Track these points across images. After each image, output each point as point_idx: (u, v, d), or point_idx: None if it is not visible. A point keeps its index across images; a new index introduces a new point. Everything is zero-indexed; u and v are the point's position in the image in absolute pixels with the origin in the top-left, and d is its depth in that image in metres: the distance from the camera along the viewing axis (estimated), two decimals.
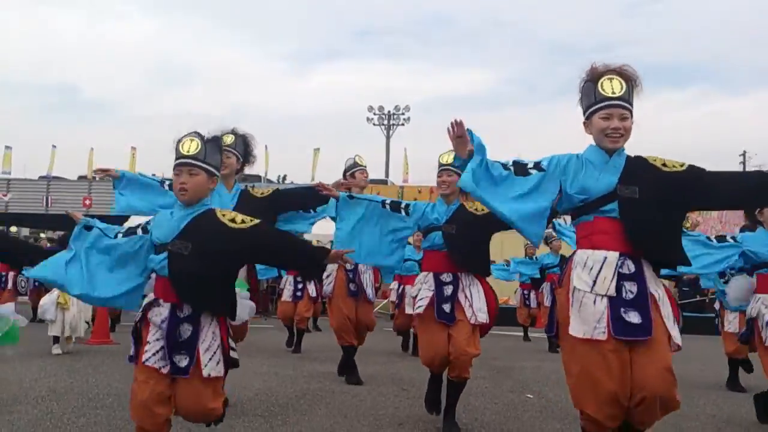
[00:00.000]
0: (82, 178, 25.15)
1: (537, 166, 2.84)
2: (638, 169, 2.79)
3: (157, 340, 2.74)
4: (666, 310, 2.72)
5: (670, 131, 67.98)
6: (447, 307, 4.11)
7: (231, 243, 2.74)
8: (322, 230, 9.27)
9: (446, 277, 4.18)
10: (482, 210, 4.02)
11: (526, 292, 11.02)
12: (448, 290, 4.16)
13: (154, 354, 2.72)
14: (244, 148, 4.35)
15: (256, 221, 2.81)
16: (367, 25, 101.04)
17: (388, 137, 36.77)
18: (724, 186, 2.82)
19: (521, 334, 11.33)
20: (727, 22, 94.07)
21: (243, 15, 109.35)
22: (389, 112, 36.84)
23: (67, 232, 9.44)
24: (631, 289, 2.68)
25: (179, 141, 2.85)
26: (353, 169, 5.89)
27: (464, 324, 4.05)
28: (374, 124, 37.16)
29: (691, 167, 2.81)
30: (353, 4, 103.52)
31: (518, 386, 5.96)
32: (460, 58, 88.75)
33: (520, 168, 2.85)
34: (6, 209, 22.88)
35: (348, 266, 5.80)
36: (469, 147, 2.76)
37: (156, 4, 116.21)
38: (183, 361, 2.68)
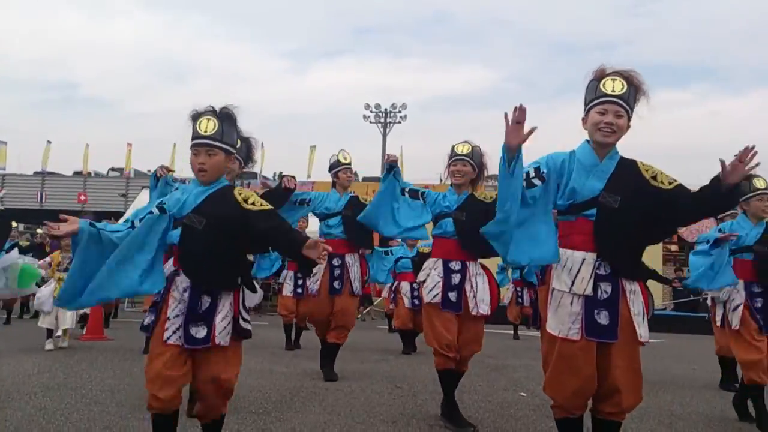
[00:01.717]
0: (77, 173, 25.08)
1: (537, 173, 2.85)
2: (627, 176, 2.85)
3: (177, 316, 2.77)
4: (637, 307, 2.85)
5: (669, 131, 68.19)
6: (453, 296, 4.23)
7: (242, 221, 2.78)
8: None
9: (455, 264, 4.30)
10: (491, 198, 4.20)
11: (519, 289, 10.99)
12: (456, 278, 4.27)
13: (174, 332, 2.76)
14: (246, 152, 4.35)
15: (269, 207, 2.84)
16: (368, 22, 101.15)
17: (384, 135, 36.78)
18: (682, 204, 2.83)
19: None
20: (728, 22, 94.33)
21: (243, 12, 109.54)
22: (386, 109, 36.83)
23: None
24: (606, 289, 2.82)
25: (196, 119, 2.85)
26: (336, 169, 5.90)
27: (473, 321, 4.24)
28: (371, 122, 37.16)
29: (680, 187, 2.83)
30: (354, 2, 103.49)
31: (512, 384, 5.97)
32: (460, 56, 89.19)
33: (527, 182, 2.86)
34: (0, 205, 22.81)
35: (335, 261, 5.77)
36: (521, 139, 2.63)
37: (156, 1, 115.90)
38: (201, 332, 2.75)
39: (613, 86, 2.82)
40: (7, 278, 3.47)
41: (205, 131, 2.81)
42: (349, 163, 5.94)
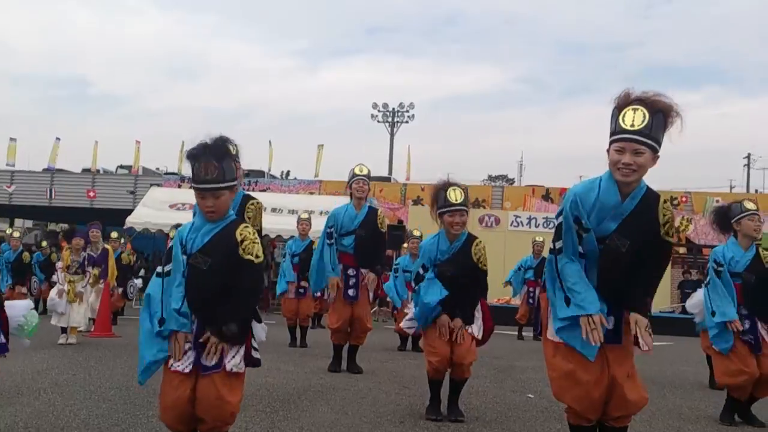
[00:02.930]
0: (86, 170, 25.16)
1: (581, 226, 2.79)
2: (642, 219, 2.76)
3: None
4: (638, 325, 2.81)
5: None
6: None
7: (238, 268, 2.81)
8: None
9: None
10: (482, 263, 4.36)
11: (531, 290, 11.02)
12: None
13: (180, 361, 2.81)
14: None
15: (261, 259, 2.86)
16: (378, 22, 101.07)
17: (392, 135, 36.78)
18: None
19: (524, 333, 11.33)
20: (740, 24, 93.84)
21: (254, 12, 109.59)
22: (394, 109, 36.83)
23: (72, 225, 9.47)
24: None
25: (194, 161, 2.83)
26: (351, 180, 6.14)
27: (466, 336, 4.33)
28: (378, 121, 37.17)
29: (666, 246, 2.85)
30: (364, 1, 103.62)
31: (519, 386, 5.96)
32: (469, 57, 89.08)
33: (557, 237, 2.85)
34: (9, 201, 22.92)
35: (350, 272, 6.09)
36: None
37: (169, 0, 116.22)
38: (213, 360, 2.79)
39: (633, 119, 2.63)
40: (20, 334, 3.59)
41: (207, 176, 2.81)
42: (365, 175, 6.11)
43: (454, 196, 4.23)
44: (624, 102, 2.70)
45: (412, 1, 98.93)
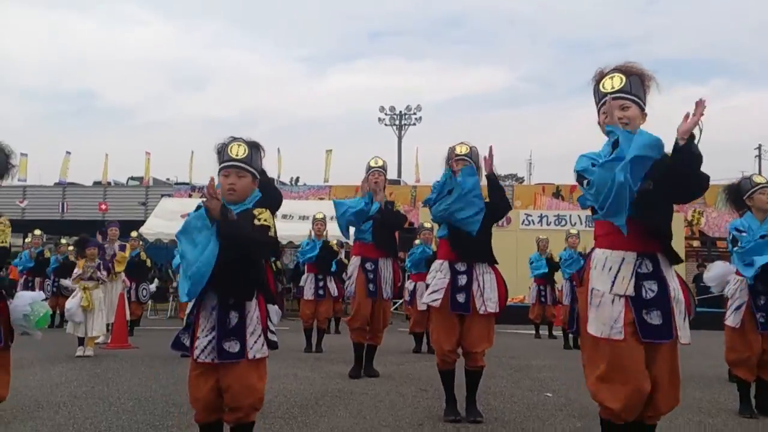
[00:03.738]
0: (97, 183, 25.34)
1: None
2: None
3: (206, 335, 2.89)
4: (680, 306, 2.78)
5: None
6: (461, 297, 4.29)
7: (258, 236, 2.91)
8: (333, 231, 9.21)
9: (461, 266, 4.35)
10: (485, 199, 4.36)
11: (541, 287, 10.84)
12: (463, 280, 4.32)
13: (203, 350, 2.89)
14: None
15: (268, 224, 2.97)
16: (382, 26, 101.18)
17: (400, 138, 36.78)
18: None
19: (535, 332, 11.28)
20: (744, 16, 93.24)
21: (258, 19, 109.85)
22: (401, 112, 36.84)
23: (84, 235, 9.50)
24: (651, 287, 2.74)
25: (225, 146, 3.04)
26: (368, 172, 6.09)
27: (478, 319, 4.28)
28: (386, 125, 37.19)
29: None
30: (367, 6, 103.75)
31: (537, 385, 5.93)
32: (474, 57, 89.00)
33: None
34: (22, 216, 23.10)
35: (368, 265, 6.06)
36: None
37: (173, 9, 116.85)
38: (234, 347, 2.87)
39: (612, 83, 2.82)
40: (28, 324, 3.56)
41: (236, 155, 3.02)
42: (381, 166, 6.10)
43: (460, 149, 4.47)
44: (601, 76, 2.88)
45: (414, 4, 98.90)
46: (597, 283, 2.78)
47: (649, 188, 2.68)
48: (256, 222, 2.94)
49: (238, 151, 3.02)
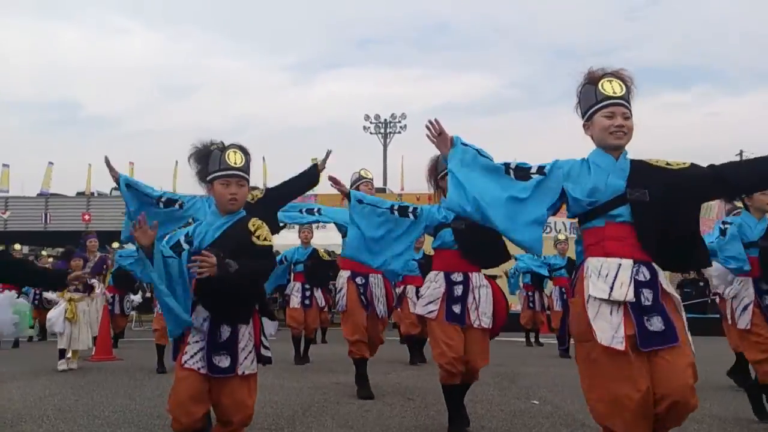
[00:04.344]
0: (80, 194, 25.12)
1: (540, 170, 2.82)
2: (644, 171, 2.75)
3: (197, 342, 2.86)
4: (684, 314, 2.74)
5: (671, 132, 68.13)
6: (457, 309, 4.15)
7: (251, 253, 2.87)
8: (329, 240, 9.21)
9: (457, 276, 4.23)
10: None
11: (530, 293, 10.84)
12: (458, 290, 4.19)
13: (192, 356, 2.84)
14: None
15: (270, 243, 2.94)
16: (368, 34, 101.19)
17: (385, 146, 36.80)
18: (744, 170, 2.79)
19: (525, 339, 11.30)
20: (727, 24, 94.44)
21: (244, 27, 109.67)
22: (386, 120, 36.86)
23: (69, 246, 9.38)
24: (648, 296, 2.64)
25: (222, 151, 2.97)
26: (358, 182, 6.01)
27: (478, 334, 4.15)
28: (371, 133, 37.19)
29: (694, 164, 2.78)
30: (354, 14, 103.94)
31: (524, 393, 5.94)
32: (460, 65, 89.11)
33: (521, 172, 2.83)
34: (5, 227, 22.85)
35: (359, 280, 5.88)
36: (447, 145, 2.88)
37: (158, 19, 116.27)
38: (224, 362, 2.82)
39: (613, 88, 2.75)
40: (19, 330, 3.55)
41: (235, 163, 2.96)
42: (370, 179, 6.07)
43: None
44: (595, 77, 2.81)
45: (401, 12, 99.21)
46: (594, 290, 2.65)
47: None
48: (255, 241, 2.87)
49: (236, 159, 2.97)
